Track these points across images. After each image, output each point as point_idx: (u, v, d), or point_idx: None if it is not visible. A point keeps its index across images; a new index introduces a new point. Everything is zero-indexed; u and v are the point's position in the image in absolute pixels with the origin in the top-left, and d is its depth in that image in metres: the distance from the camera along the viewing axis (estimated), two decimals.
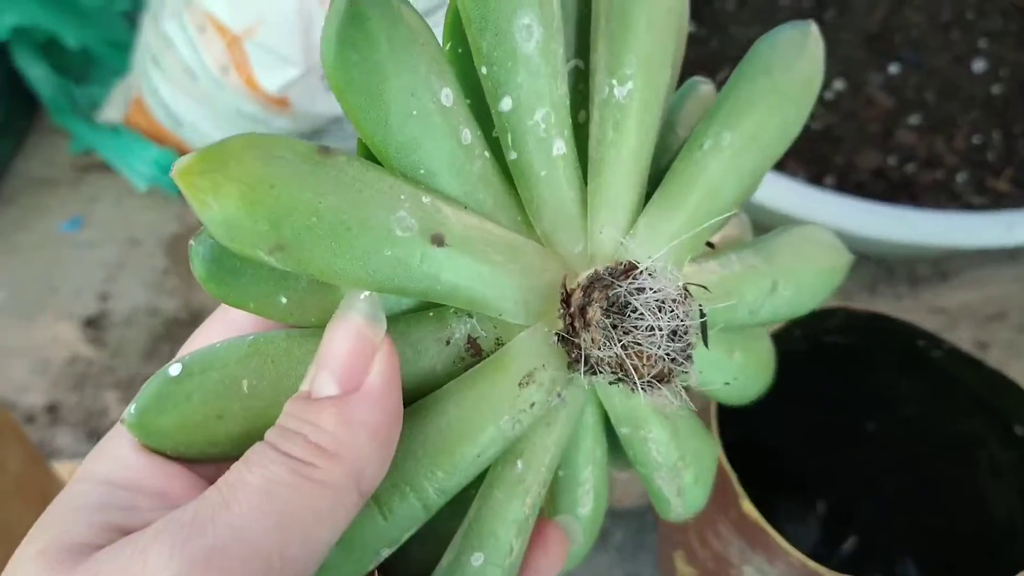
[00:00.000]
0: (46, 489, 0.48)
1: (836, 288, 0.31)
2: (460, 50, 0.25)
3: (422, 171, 0.23)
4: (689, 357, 0.24)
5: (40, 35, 0.84)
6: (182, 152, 0.83)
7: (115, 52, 0.87)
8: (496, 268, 0.24)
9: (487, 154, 0.25)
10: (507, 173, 0.25)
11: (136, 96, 0.83)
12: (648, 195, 0.27)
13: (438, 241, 0.22)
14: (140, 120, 0.83)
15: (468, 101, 0.25)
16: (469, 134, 0.24)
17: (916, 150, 0.69)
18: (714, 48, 0.76)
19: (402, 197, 0.22)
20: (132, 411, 0.24)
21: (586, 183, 0.26)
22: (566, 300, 0.24)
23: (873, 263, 0.76)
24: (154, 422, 0.23)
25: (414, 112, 0.22)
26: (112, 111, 0.86)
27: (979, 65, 0.72)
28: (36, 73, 0.85)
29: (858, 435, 0.56)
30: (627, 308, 0.23)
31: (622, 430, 0.27)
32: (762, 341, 0.33)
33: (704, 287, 0.26)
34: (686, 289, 0.24)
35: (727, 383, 0.30)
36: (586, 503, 0.29)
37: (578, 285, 0.24)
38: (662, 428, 0.27)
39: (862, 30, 0.73)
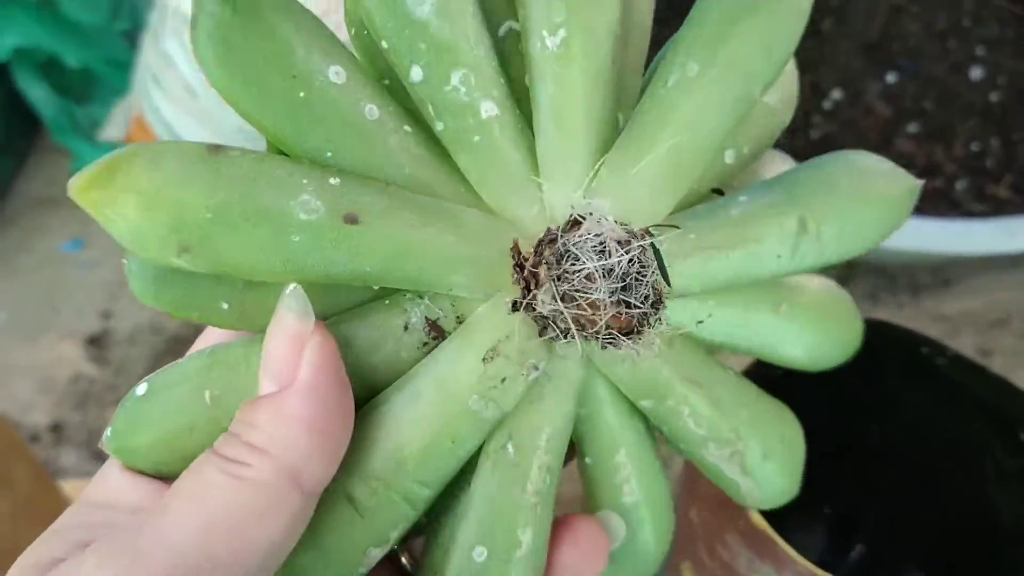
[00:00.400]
0: (54, 508, 0.48)
1: (900, 218, 0.27)
2: (366, 32, 0.24)
3: (329, 154, 0.23)
4: (657, 304, 0.23)
5: (41, 56, 0.84)
6: None
7: (116, 71, 0.87)
8: (430, 241, 0.23)
9: (408, 128, 0.24)
10: (444, 147, 0.24)
11: (137, 115, 0.83)
12: None
13: (351, 220, 0.22)
14: (141, 138, 0.84)
15: (387, 81, 0.24)
16: (376, 109, 0.23)
17: (915, 158, 0.69)
18: None
19: (304, 181, 0.22)
20: (108, 434, 0.24)
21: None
22: (520, 265, 0.23)
23: (874, 271, 0.76)
24: (129, 443, 0.24)
25: (301, 94, 0.22)
26: (113, 130, 0.86)
27: (977, 73, 0.72)
28: (37, 93, 0.85)
29: (863, 443, 0.56)
30: (567, 258, 0.22)
31: (643, 403, 0.26)
32: (817, 289, 0.29)
33: (675, 226, 0.24)
34: (648, 231, 0.23)
35: (700, 321, 0.27)
36: (630, 492, 0.27)
37: (532, 249, 0.23)
38: (695, 396, 0.25)
39: (860, 39, 0.74)
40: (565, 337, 0.23)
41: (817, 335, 0.28)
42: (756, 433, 0.27)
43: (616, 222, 0.23)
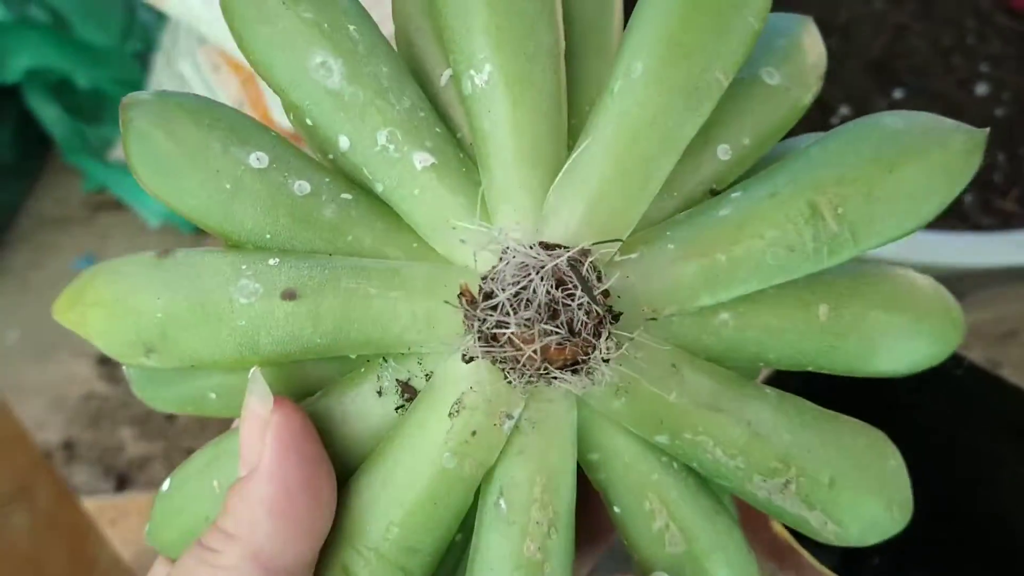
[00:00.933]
0: (75, 523, 0.48)
1: (960, 178, 0.22)
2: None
3: (268, 236, 0.23)
4: (598, 330, 0.20)
5: (53, 77, 0.85)
6: None
7: (127, 92, 0.87)
8: (372, 302, 0.22)
9: (347, 195, 0.24)
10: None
11: None
12: None
13: (289, 296, 0.22)
14: None
15: (331, 156, 0.24)
16: (307, 184, 0.23)
17: None
18: None
19: (243, 267, 0.22)
20: (148, 531, 0.26)
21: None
22: (466, 312, 0.22)
23: None
24: (163, 537, 0.25)
25: (227, 186, 0.23)
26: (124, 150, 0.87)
27: (982, 88, 0.73)
28: (49, 114, 0.86)
29: None
30: (490, 297, 0.21)
31: (657, 439, 0.23)
32: (881, 281, 0.25)
33: (618, 240, 0.22)
34: (577, 254, 0.21)
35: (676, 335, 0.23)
36: (674, 541, 0.24)
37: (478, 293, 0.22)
38: (717, 424, 0.23)
39: (866, 57, 0.75)
40: (516, 380, 0.21)
41: (882, 336, 0.24)
42: (813, 457, 0.23)
43: (538, 247, 0.21)
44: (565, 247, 0.21)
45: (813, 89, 0.26)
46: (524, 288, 0.20)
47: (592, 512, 0.26)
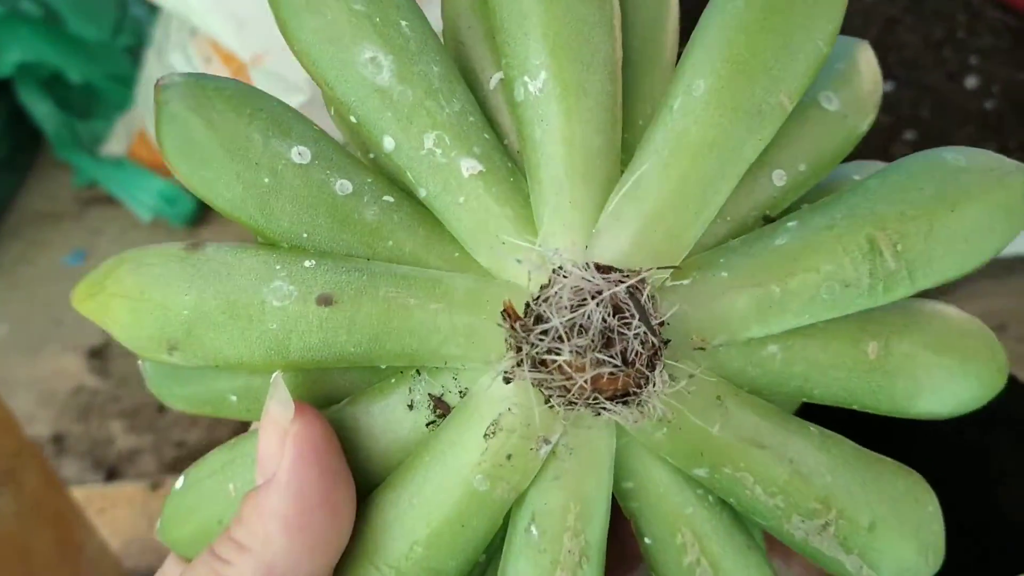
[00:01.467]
0: (62, 510, 0.48)
1: (1016, 224, 0.22)
2: None
3: (304, 235, 0.22)
4: (652, 362, 0.19)
5: (44, 71, 0.85)
6: None
7: (118, 87, 0.88)
8: (411, 312, 0.21)
9: (389, 198, 0.23)
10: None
11: (140, 129, 0.84)
12: None
13: (325, 301, 0.21)
14: (143, 153, 0.84)
15: (372, 155, 0.24)
16: (349, 184, 0.22)
17: None
18: None
19: (278, 267, 0.21)
20: (158, 527, 0.25)
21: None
22: (512, 330, 0.20)
23: None
24: (174, 534, 0.25)
25: (266, 180, 0.22)
26: (116, 144, 0.87)
27: (972, 81, 0.73)
28: (40, 109, 0.86)
29: (869, 443, 0.56)
30: (541, 319, 0.20)
31: (696, 472, 0.22)
32: (935, 321, 0.24)
33: (675, 267, 0.21)
34: (636, 282, 0.20)
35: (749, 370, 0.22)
36: None
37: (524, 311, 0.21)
38: (759, 461, 0.22)
39: None
40: (560, 406, 0.20)
41: (929, 378, 0.23)
42: (853, 500, 0.23)
43: (592, 269, 0.20)
44: (619, 270, 0.20)
45: (869, 117, 0.26)
46: (578, 314, 0.19)
47: (619, 538, 0.25)
